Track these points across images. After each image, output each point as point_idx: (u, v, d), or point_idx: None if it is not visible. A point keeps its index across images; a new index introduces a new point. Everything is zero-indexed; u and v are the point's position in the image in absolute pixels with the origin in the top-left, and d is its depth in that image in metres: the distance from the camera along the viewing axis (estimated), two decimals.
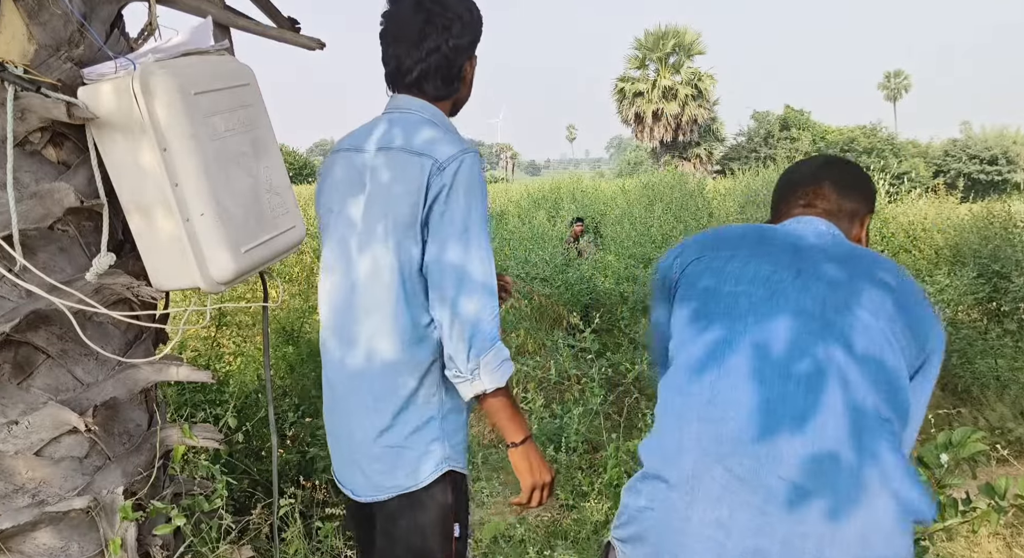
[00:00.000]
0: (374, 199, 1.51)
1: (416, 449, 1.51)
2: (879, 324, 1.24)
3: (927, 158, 36.34)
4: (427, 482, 1.52)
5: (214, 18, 2.26)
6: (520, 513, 3.14)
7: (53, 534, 1.93)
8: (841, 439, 1.18)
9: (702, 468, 1.22)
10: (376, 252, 1.50)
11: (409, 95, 1.57)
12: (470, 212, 1.44)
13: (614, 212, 11.36)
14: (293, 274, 7.05)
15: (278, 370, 4.13)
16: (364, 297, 1.53)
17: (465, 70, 1.57)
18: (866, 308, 1.25)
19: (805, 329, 1.24)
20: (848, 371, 1.21)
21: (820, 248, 1.35)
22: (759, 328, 1.26)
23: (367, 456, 1.54)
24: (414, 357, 1.51)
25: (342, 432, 1.62)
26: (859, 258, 1.34)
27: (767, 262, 1.33)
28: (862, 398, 1.20)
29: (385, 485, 1.53)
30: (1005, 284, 6.28)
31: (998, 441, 3.59)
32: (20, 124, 1.78)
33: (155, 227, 1.88)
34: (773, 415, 1.20)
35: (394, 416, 1.51)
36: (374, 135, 1.55)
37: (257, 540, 2.73)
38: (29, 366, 1.91)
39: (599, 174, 57.98)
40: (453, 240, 1.43)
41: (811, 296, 1.27)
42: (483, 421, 4.36)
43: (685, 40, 32.66)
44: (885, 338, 1.24)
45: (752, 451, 1.19)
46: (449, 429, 1.54)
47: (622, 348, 4.92)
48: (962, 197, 12.90)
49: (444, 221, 1.43)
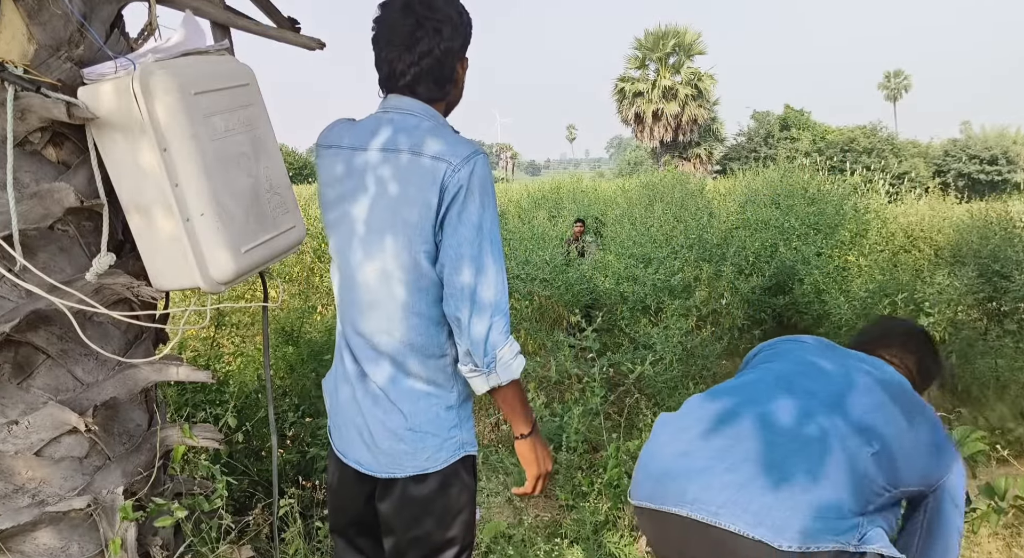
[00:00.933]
0: (380, 200, 1.54)
1: (438, 436, 1.58)
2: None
3: (927, 158, 36.31)
4: (445, 466, 1.59)
5: (214, 18, 2.27)
6: (525, 497, 3.14)
7: (53, 534, 1.93)
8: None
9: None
10: (387, 251, 1.53)
11: (404, 96, 1.59)
12: (484, 210, 1.49)
13: (614, 212, 11.35)
14: (293, 274, 7.05)
15: (278, 370, 4.14)
16: (376, 293, 1.57)
17: (457, 72, 1.60)
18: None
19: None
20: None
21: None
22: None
23: (386, 435, 1.59)
24: (430, 349, 1.57)
25: (356, 422, 1.64)
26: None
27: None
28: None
29: (406, 464, 1.58)
30: (1005, 284, 6.29)
31: (998, 441, 3.59)
32: (20, 124, 1.78)
33: (155, 227, 1.88)
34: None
35: (413, 403, 1.58)
36: (377, 136, 1.56)
37: (257, 540, 2.73)
38: (29, 366, 1.91)
39: (599, 174, 57.97)
40: (469, 238, 1.48)
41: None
42: (483, 421, 4.36)
43: (685, 40, 32.66)
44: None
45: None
46: (464, 415, 1.63)
47: (622, 348, 4.92)
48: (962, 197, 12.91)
49: (461, 221, 1.48)
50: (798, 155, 16.68)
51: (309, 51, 2.55)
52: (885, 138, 35.49)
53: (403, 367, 1.58)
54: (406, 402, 1.58)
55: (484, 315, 1.48)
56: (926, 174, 31.42)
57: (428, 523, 1.61)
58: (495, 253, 1.50)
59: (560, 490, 3.36)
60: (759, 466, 1.49)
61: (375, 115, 1.62)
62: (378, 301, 1.57)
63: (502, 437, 4.20)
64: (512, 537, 2.88)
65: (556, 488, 3.42)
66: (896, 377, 1.74)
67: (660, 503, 1.57)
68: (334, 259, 1.68)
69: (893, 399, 1.65)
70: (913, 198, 11.58)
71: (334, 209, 1.63)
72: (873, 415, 1.59)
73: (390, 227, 1.52)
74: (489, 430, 4.31)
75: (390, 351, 1.58)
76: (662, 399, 4.36)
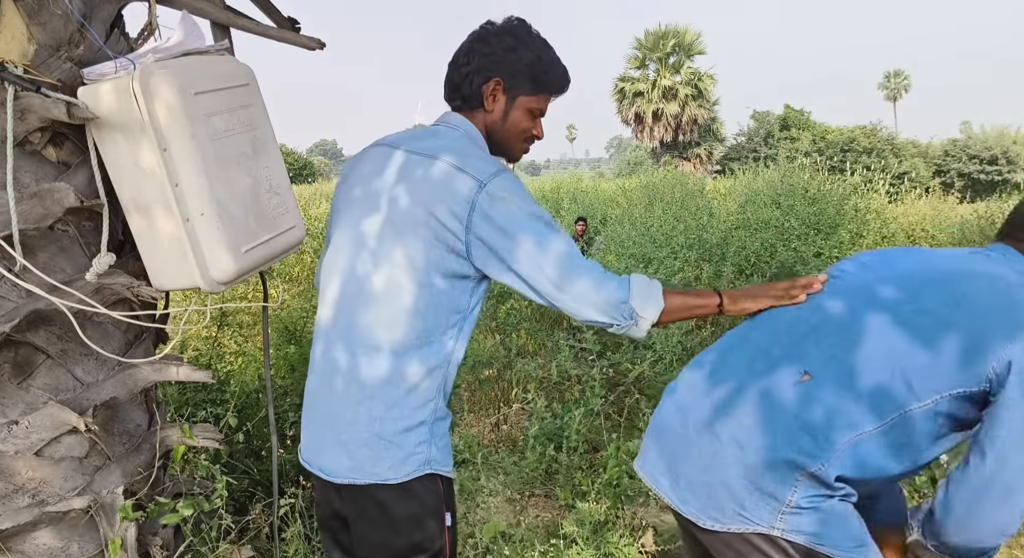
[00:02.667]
0: (403, 200, 1.55)
1: (403, 448, 1.54)
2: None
3: (927, 158, 36.29)
4: (407, 479, 1.55)
5: (214, 18, 2.27)
6: (525, 497, 3.14)
7: (53, 534, 1.93)
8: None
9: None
10: (397, 254, 1.53)
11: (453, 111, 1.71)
12: (523, 206, 1.51)
13: (614, 212, 11.35)
14: (293, 274, 7.06)
15: (279, 370, 4.13)
16: (375, 292, 1.56)
17: (483, 89, 1.64)
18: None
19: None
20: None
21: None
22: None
23: (355, 439, 1.56)
24: (418, 358, 1.54)
25: (325, 412, 1.63)
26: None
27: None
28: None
29: (368, 470, 1.56)
30: None
31: None
32: (20, 124, 1.78)
33: (155, 227, 1.88)
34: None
35: (387, 408, 1.54)
36: (417, 140, 1.63)
37: (257, 540, 2.73)
38: (29, 366, 1.91)
39: (599, 174, 57.97)
40: (522, 236, 1.49)
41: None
42: (483, 421, 4.36)
43: (685, 40, 32.67)
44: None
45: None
46: (437, 433, 1.59)
47: (623, 348, 4.92)
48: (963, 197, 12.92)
49: (507, 227, 1.49)
50: (798, 155, 16.69)
51: (309, 51, 2.56)
52: (885, 138, 35.46)
53: (389, 367, 1.55)
54: (381, 402, 1.54)
55: (571, 264, 1.50)
56: (926, 174, 31.43)
57: (378, 535, 1.58)
58: (550, 233, 1.51)
59: (560, 490, 3.36)
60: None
61: (427, 126, 1.73)
62: (375, 298, 1.56)
63: (502, 437, 4.20)
64: (511, 537, 2.88)
65: (556, 488, 3.42)
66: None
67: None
68: (334, 244, 1.68)
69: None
70: (914, 198, 11.59)
71: (349, 199, 1.67)
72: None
73: (408, 230, 1.53)
74: (489, 430, 4.31)
75: (380, 347, 1.55)
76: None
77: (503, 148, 1.71)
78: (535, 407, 3.83)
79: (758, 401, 1.44)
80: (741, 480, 1.42)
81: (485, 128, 1.68)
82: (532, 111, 1.68)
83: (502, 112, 1.66)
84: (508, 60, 1.63)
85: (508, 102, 1.66)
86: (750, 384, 1.47)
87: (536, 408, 3.82)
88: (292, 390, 3.86)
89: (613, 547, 2.82)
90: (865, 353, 1.39)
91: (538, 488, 3.55)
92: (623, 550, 2.81)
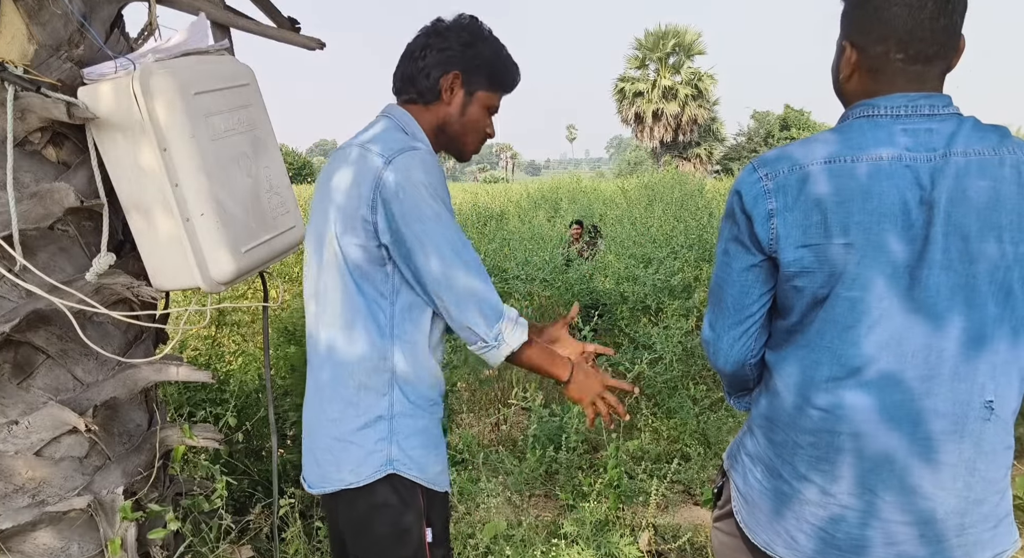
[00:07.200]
0: (327, 191, 1.55)
1: (363, 447, 1.52)
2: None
3: None
4: (369, 481, 1.52)
5: (214, 18, 2.27)
6: (526, 497, 3.14)
7: (53, 534, 1.93)
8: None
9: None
10: (329, 244, 1.53)
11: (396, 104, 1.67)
12: (428, 188, 1.47)
13: (614, 212, 11.35)
14: (293, 274, 7.05)
15: (279, 370, 4.13)
16: (321, 286, 1.56)
17: (441, 82, 1.61)
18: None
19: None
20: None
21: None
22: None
23: (319, 445, 1.57)
24: (365, 350, 1.52)
25: (304, 421, 1.64)
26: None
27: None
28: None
29: (333, 477, 1.55)
30: None
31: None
32: (20, 124, 1.78)
33: (155, 227, 1.88)
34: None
35: (342, 408, 1.53)
36: (358, 135, 1.61)
37: (257, 540, 2.73)
38: (29, 366, 1.91)
39: (599, 174, 57.98)
40: (422, 229, 1.46)
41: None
42: (483, 421, 4.36)
43: (685, 40, 32.66)
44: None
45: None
46: (401, 432, 1.54)
47: (622, 348, 4.92)
48: None
49: (408, 215, 1.46)
50: None
51: (309, 51, 2.56)
52: None
53: (340, 364, 1.53)
54: (336, 401, 1.53)
55: (460, 272, 1.48)
56: None
57: (357, 548, 1.58)
58: (451, 236, 1.48)
59: (560, 490, 3.36)
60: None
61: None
62: (322, 294, 1.55)
63: (502, 437, 4.20)
64: (512, 537, 2.88)
65: (556, 488, 3.42)
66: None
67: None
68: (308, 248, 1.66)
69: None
70: None
71: (314, 202, 1.65)
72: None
73: (332, 219, 1.52)
74: (489, 430, 4.31)
75: (332, 346, 1.54)
76: (662, 399, 4.35)
77: (456, 144, 1.68)
78: (534, 406, 3.83)
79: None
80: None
81: (439, 122, 1.65)
82: (488, 108, 1.67)
83: (460, 105, 1.64)
84: (467, 55, 1.61)
85: (466, 96, 1.64)
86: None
87: (535, 407, 3.82)
88: (292, 390, 3.85)
89: (613, 547, 2.82)
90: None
91: (538, 488, 3.54)
92: (623, 550, 2.81)
